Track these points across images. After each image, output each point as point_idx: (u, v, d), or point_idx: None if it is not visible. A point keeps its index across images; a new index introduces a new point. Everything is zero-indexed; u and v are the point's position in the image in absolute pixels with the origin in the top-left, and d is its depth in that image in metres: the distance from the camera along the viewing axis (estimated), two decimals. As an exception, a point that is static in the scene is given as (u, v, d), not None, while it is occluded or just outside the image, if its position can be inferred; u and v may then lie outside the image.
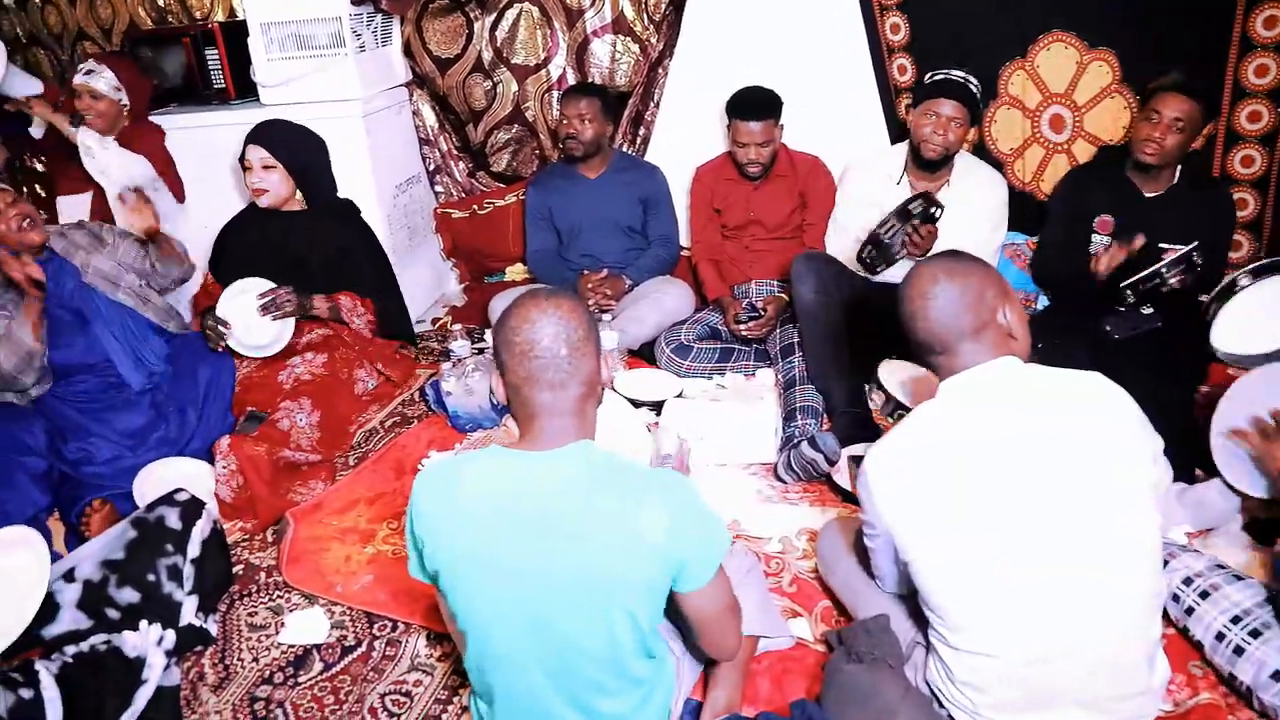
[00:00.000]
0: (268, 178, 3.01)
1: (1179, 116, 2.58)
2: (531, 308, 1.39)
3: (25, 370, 2.63)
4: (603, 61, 3.70)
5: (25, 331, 2.60)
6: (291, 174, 3.04)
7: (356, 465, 2.80)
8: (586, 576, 1.35)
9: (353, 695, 1.93)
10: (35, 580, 1.88)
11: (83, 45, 4.56)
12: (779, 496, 2.49)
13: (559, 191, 3.47)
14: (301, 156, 3.08)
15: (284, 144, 3.04)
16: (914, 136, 2.86)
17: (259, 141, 3.01)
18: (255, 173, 3.01)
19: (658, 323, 3.18)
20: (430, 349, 3.61)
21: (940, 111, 2.77)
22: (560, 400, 1.40)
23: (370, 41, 3.61)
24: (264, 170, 3.00)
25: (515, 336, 1.38)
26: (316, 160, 3.15)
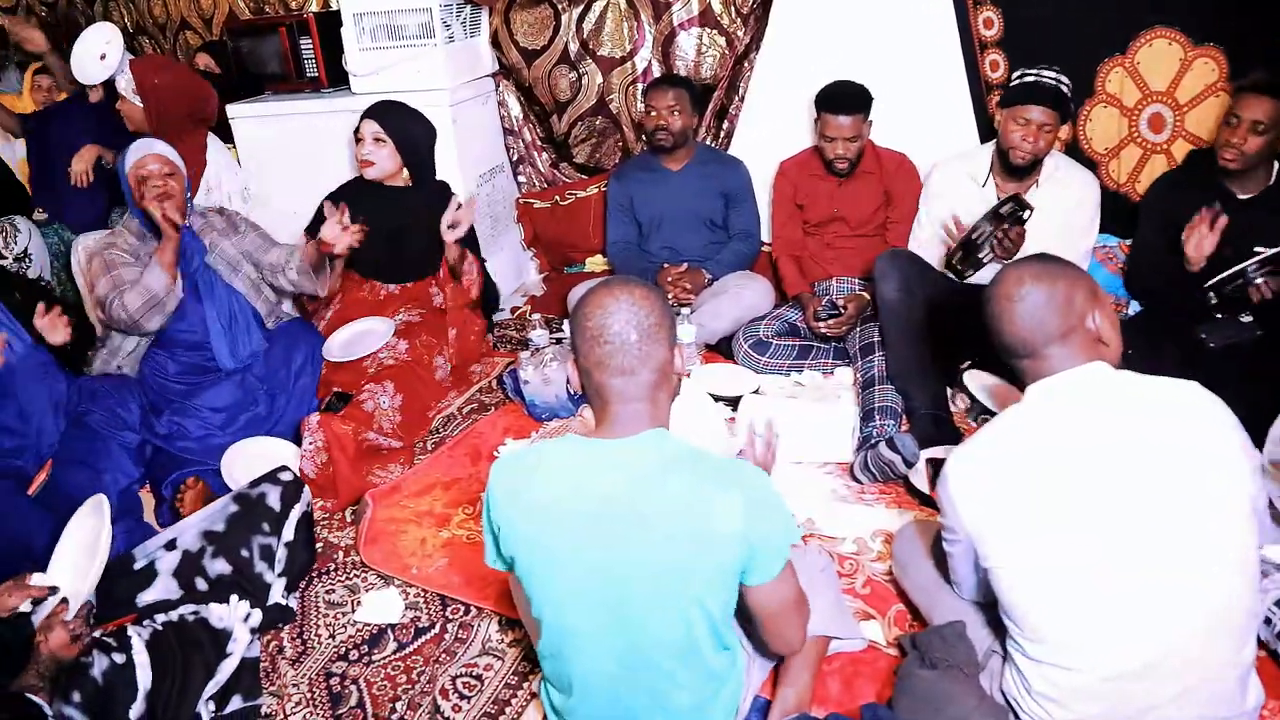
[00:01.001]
0: (377, 151, 3.15)
1: (1259, 119, 2.47)
2: (605, 294, 1.41)
3: (150, 315, 2.75)
4: (688, 54, 3.69)
5: (156, 274, 2.72)
6: (400, 152, 3.18)
7: (434, 450, 2.86)
8: (660, 565, 1.36)
9: (424, 676, 1.97)
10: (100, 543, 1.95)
11: (185, 35, 4.74)
12: (854, 497, 2.46)
13: (641, 183, 3.47)
14: (411, 137, 3.21)
15: (397, 123, 3.18)
16: (1002, 141, 2.78)
17: (374, 117, 3.16)
18: (366, 145, 3.15)
19: (736, 318, 3.16)
20: (509, 338, 3.66)
21: (1029, 117, 2.68)
22: (631, 386, 1.40)
23: (459, 32, 3.67)
24: (375, 144, 3.15)
25: (588, 322, 1.40)
26: (424, 142, 3.27)
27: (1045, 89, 2.67)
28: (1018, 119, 2.70)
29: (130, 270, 2.78)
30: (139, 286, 2.73)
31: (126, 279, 2.76)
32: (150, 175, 2.77)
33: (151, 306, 2.74)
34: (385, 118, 3.17)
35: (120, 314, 2.74)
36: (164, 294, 2.75)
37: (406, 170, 3.24)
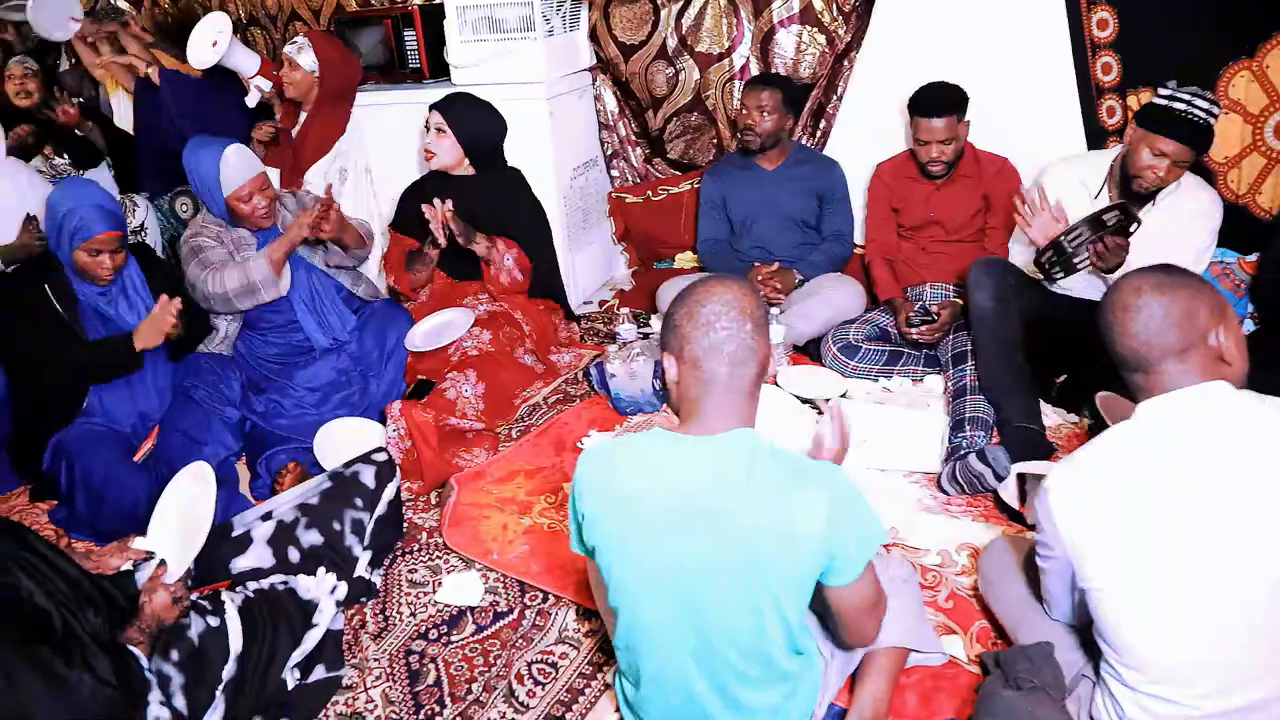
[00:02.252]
0: (439, 143, 3.22)
1: None
2: (716, 284, 1.44)
3: (243, 298, 2.84)
4: (787, 52, 3.65)
5: (262, 267, 2.81)
6: (461, 143, 3.23)
7: (519, 438, 2.89)
8: (738, 563, 1.36)
9: (501, 659, 2.00)
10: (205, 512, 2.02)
11: (294, 26, 4.88)
12: (940, 508, 2.41)
13: (734, 181, 3.46)
14: (473, 130, 3.26)
15: (461, 116, 3.24)
16: (1129, 161, 2.56)
17: (439, 108, 3.23)
18: (429, 135, 3.23)
19: (826, 320, 3.13)
20: (596, 331, 3.68)
21: (1163, 149, 2.45)
22: (736, 378, 1.41)
23: (559, 26, 3.70)
24: (437, 135, 3.22)
25: (701, 307, 1.41)
26: (489, 135, 3.31)
27: (1191, 124, 2.42)
28: (1152, 147, 2.47)
29: (217, 252, 2.87)
30: (241, 269, 2.81)
31: (214, 260, 2.85)
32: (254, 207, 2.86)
33: (248, 292, 2.83)
34: (449, 109, 3.23)
35: (213, 289, 2.82)
36: (262, 285, 2.83)
37: (468, 160, 3.28)
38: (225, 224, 2.92)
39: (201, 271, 2.83)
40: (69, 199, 2.63)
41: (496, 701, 1.89)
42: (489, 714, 1.86)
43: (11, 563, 1.58)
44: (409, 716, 1.87)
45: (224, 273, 2.81)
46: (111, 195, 2.79)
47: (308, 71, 3.55)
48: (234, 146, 2.84)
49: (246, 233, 2.93)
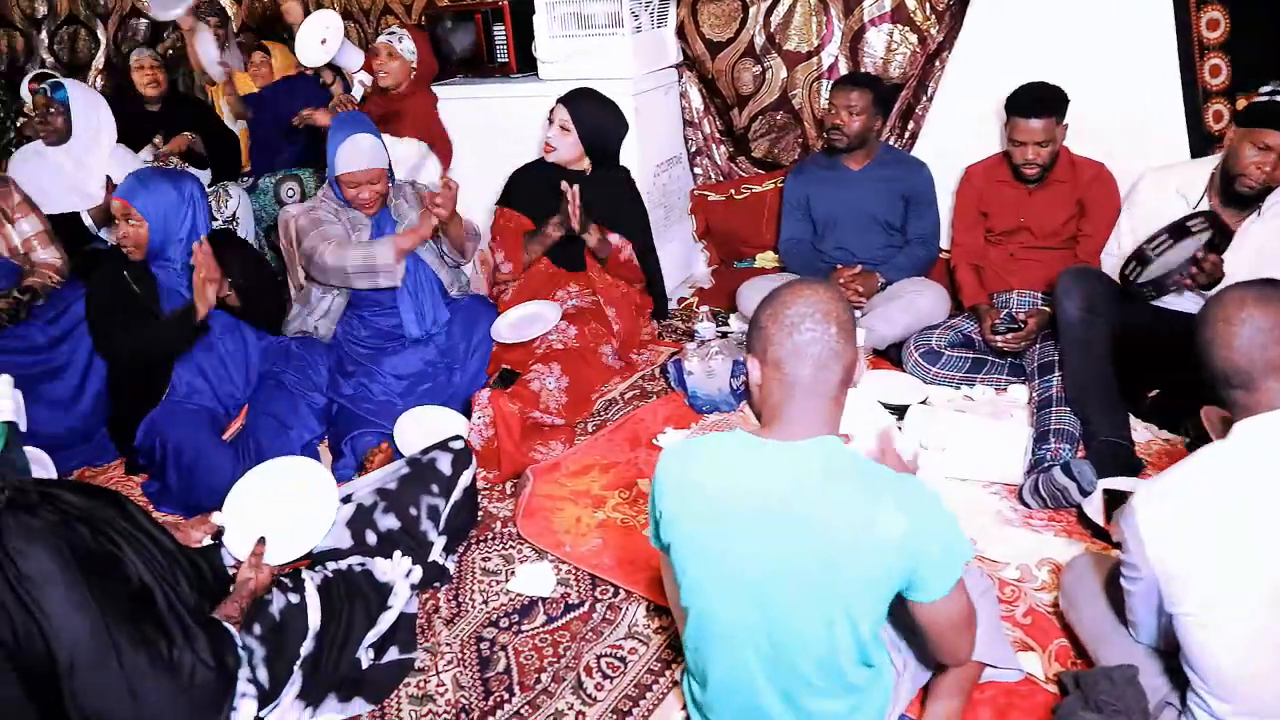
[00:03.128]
0: (562, 139, 3.23)
1: None
2: (803, 287, 1.43)
3: (360, 277, 2.91)
4: (877, 51, 3.60)
5: (387, 252, 2.88)
6: (583, 141, 3.24)
7: (594, 432, 2.91)
8: (814, 571, 1.34)
9: (570, 651, 2.02)
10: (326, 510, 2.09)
11: (386, 20, 5.00)
12: (1020, 521, 2.35)
13: (819, 181, 3.42)
14: (598, 129, 3.27)
15: (588, 115, 3.25)
16: (1230, 162, 2.49)
17: (567, 104, 3.23)
18: (553, 129, 3.23)
19: (908, 324, 3.08)
20: (674, 328, 3.68)
21: (1268, 142, 2.38)
22: (820, 381, 1.39)
23: (647, 22, 3.71)
24: (560, 131, 3.22)
25: (787, 309, 1.40)
26: (611, 135, 3.32)
27: None
28: (1256, 142, 2.40)
29: (336, 228, 2.95)
30: (367, 250, 2.88)
31: (333, 234, 2.92)
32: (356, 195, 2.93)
33: (368, 273, 2.89)
34: (577, 107, 3.23)
35: (332, 261, 2.87)
36: (383, 270, 2.89)
37: (587, 158, 3.30)
38: (342, 203, 3.00)
39: (322, 243, 2.89)
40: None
41: (564, 692, 1.91)
42: (557, 704, 1.88)
43: (115, 532, 1.64)
44: (478, 702, 1.90)
45: (348, 249, 2.87)
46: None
47: (407, 60, 3.62)
48: (364, 136, 2.89)
49: (360, 215, 3.00)
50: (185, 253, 2.77)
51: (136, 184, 2.73)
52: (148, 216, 2.70)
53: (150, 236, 2.72)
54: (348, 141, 2.87)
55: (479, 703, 1.90)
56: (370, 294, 3.01)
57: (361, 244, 2.90)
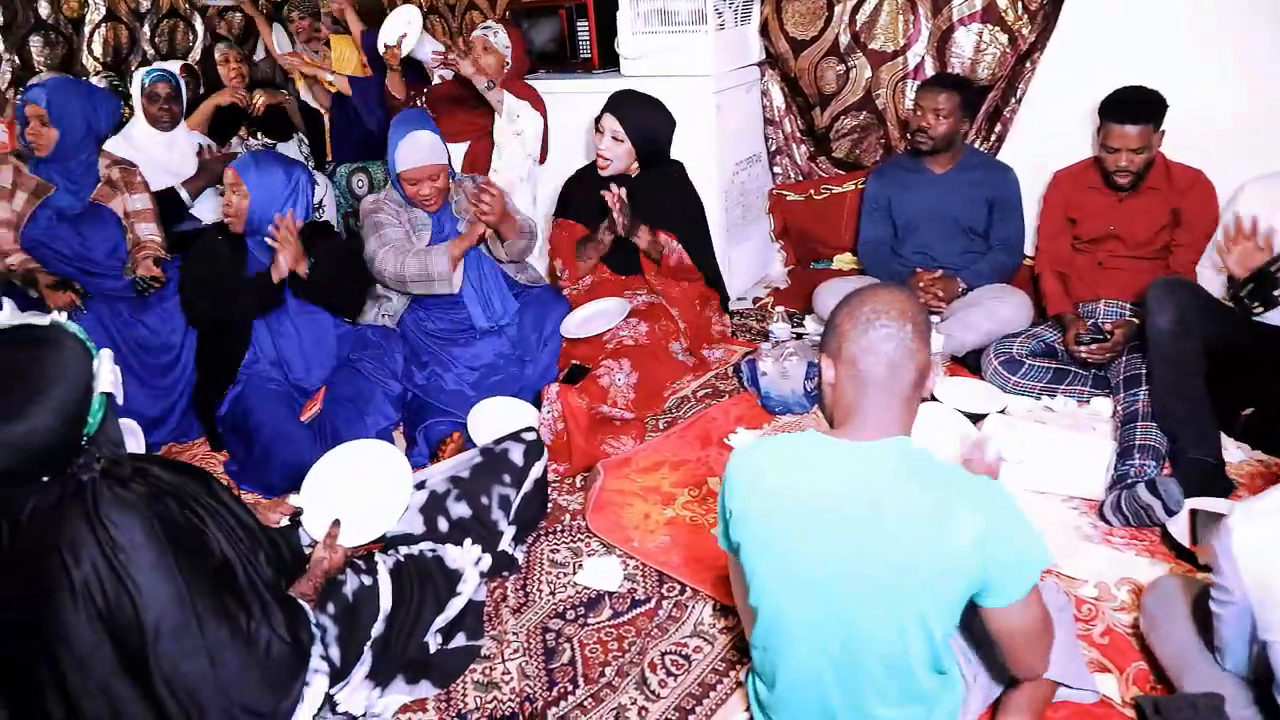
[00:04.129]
0: (615, 149, 3.19)
1: None
2: (880, 289, 1.44)
3: (416, 285, 2.98)
4: (965, 51, 3.53)
5: (441, 261, 2.93)
6: (635, 146, 3.21)
7: (665, 429, 2.92)
8: (886, 573, 1.33)
9: (635, 646, 2.02)
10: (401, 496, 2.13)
11: (470, 15, 5.07)
12: (1100, 538, 2.28)
13: (901, 183, 3.36)
14: (649, 133, 3.23)
15: (638, 121, 3.19)
16: None
17: (616, 114, 3.18)
18: (605, 140, 3.20)
19: (989, 331, 3.01)
20: (748, 327, 3.66)
21: None
22: (894, 380, 1.39)
23: (730, 20, 3.69)
24: (613, 142, 3.18)
25: (863, 307, 1.41)
26: (662, 137, 3.28)
27: None
28: None
29: (395, 230, 3.01)
30: (422, 259, 2.94)
31: (391, 239, 2.99)
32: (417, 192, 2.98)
33: (424, 280, 2.96)
34: (627, 116, 3.17)
35: (391, 270, 2.96)
36: (438, 278, 2.95)
37: (637, 161, 3.26)
38: (404, 202, 3.06)
39: (380, 248, 2.97)
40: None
41: (628, 687, 1.92)
42: (620, 698, 1.89)
43: (200, 507, 1.70)
44: (542, 692, 1.92)
45: (405, 257, 2.94)
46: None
47: (501, 54, 3.67)
48: (427, 134, 2.95)
49: (421, 214, 3.05)
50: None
51: (251, 160, 2.85)
52: (253, 191, 2.79)
53: (251, 210, 2.80)
54: (407, 139, 2.92)
55: (543, 693, 1.92)
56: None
57: (418, 253, 2.96)
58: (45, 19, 4.58)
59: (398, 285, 3.02)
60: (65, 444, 1.48)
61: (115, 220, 3.20)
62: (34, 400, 1.41)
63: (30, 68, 4.52)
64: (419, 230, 3.04)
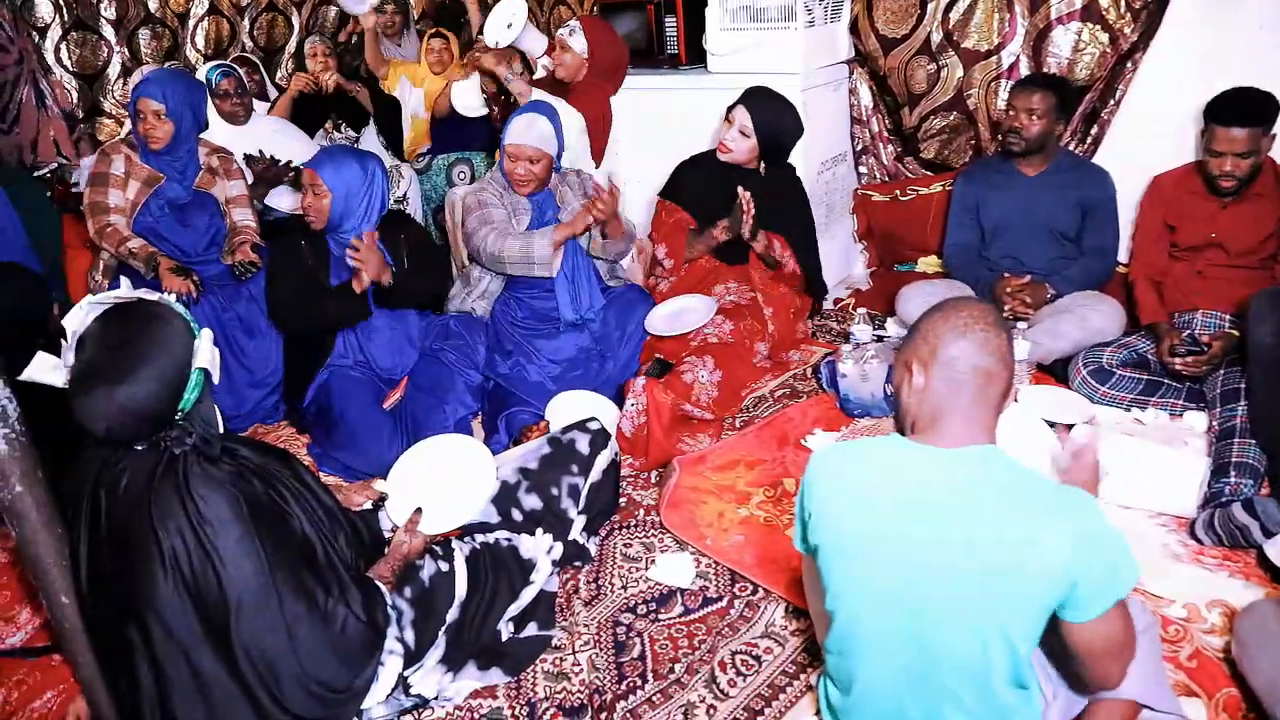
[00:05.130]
0: (740, 142, 3.20)
1: None
2: (970, 300, 1.44)
3: (515, 266, 3.02)
4: (1062, 51, 3.43)
5: (544, 247, 2.98)
6: (760, 144, 3.20)
7: (742, 428, 2.90)
8: (968, 585, 1.31)
9: (705, 645, 2.02)
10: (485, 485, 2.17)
11: (559, 10, 5.11)
12: (1190, 557, 2.20)
13: (991, 186, 3.28)
14: (776, 131, 3.22)
15: (768, 118, 3.20)
16: None
17: (750, 108, 3.18)
18: (732, 131, 3.20)
19: (1078, 340, 2.92)
20: (829, 328, 3.63)
21: None
22: (985, 390, 1.39)
23: (820, 17, 3.65)
24: (740, 135, 3.19)
25: (960, 313, 1.40)
26: (787, 139, 3.28)
27: None
28: None
29: (498, 210, 3.06)
30: (525, 241, 2.98)
31: (495, 218, 3.04)
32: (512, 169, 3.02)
33: (524, 262, 3.00)
34: (758, 109, 3.18)
35: (491, 247, 2.99)
36: (538, 262, 2.99)
37: (759, 159, 3.26)
38: (506, 186, 3.10)
39: (482, 227, 3.02)
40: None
41: (697, 685, 1.92)
42: (689, 696, 1.89)
43: (284, 487, 1.76)
44: (611, 685, 1.93)
45: (507, 238, 2.98)
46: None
47: (578, 54, 3.70)
48: (543, 119, 3.01)
49: (523, 199, 3.09)
50: (364, 229, 2.92)
51: (326, 158, 2.90)
52: (332, 189, 2.85)
53: (332, 208, 2.87)
54: (525, 116, 3.00)
55: (612, 686, 1.93)
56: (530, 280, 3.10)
57: (520, 235, 3.00)
58: (154, 13, 4.77)
59: (494, 265, 3.06)
60: (163, 412, 1.56)
61: (216, 207, 3.33)
62: (140, 366, 1.51)
63: (138, 59, 4.72)
64: (519, 214, 3.08)
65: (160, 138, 3.13)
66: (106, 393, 1.48)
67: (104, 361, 1.51)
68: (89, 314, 1.57)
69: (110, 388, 1.48)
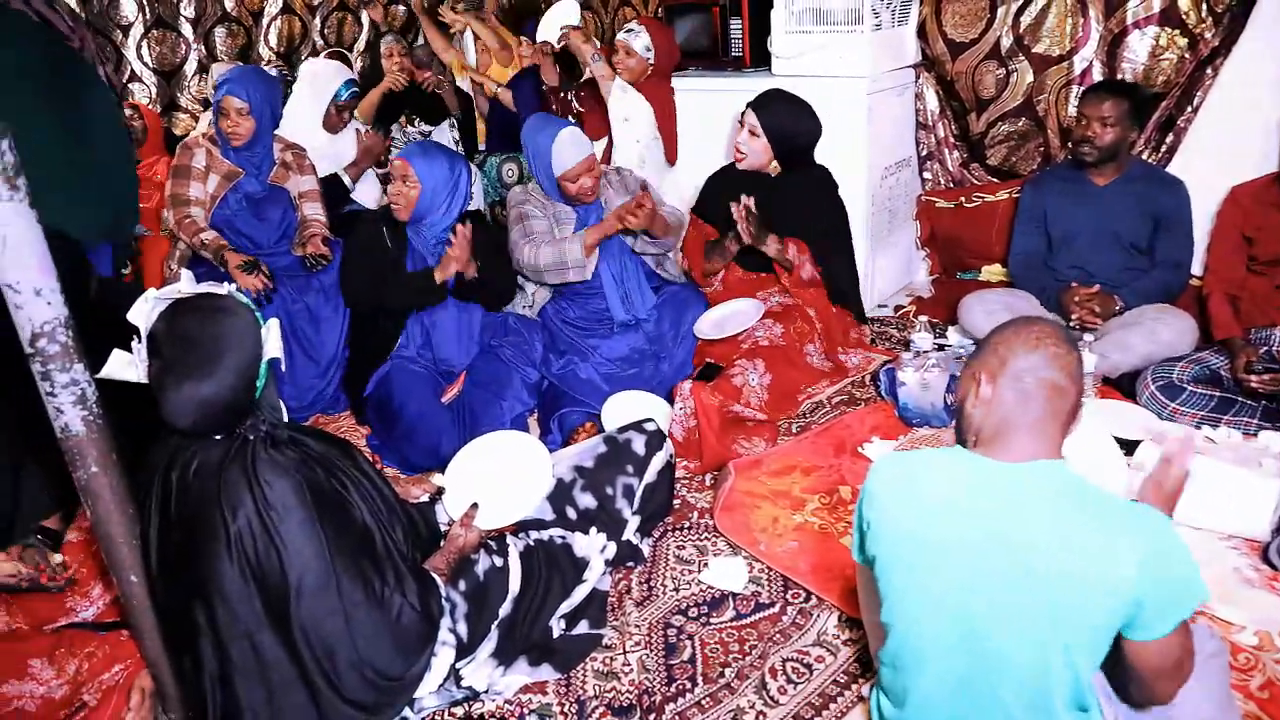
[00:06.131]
0: (751, 143, 3.17)
1: None
2: (1043, 319, 1.43)
3: (553, 275, 3.06)
4: (1138, 57, 3.35)
5: (576, 250, 3.00)
6: (773, 144, 3.17)
7: (798, 433, 2.88)
8: (1031, 603, 1.29)
9: (756, 650, 2.01)
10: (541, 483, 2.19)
11: (624, 11, 5.13)
12: (1263, 582, 2.13)
13: (1059, 194, 3.21)
14: (788, 131, 3.17)
15: (776, 117, 3.16)
16: None
17: (756, 109, 3.17)
18: (742, 134, 3.19)
19: (1147, 354, 2.84)
20: (889, 335, 3.58)
21: None
22: (1054, 405, 1.36)
23: (887, 20, 3.61)
24: (750, 136, 3.17)
25: (1032, 328, 1.38)
26: (802, 138, 3.22)
27: None
28: None
29: (540, 222, 3.09)
30: (557, 248, 3.01)
31: (535, 230, 3.07)
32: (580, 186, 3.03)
33: (558, 269, 3.03)
34: (766, 110, 3.14)
35: (527, 260, 3.04)
36: (572, 266, 3.01)
37: (775, 161, 3.21)
38: (549, 195, 3.12)
39: (522, 240, 3.06)
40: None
41: (747, 690, 1.90)
42: (738, 701, 1.88)
43: (345, 477, 1.79)
44: (660, 687, 1.93)
45: (540, 248, 3.02)
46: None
47: (642, 56, 3.70)
48: (569, 130, 3.02)
49: (566, 208, 3.12)
50: (442, 225, 2.98)
51: (419, 150, 2.98)
52: (422, 181, 2.91)
53: (419, 200, 2.93)
54: (556, 142, 2.99)
55: (661, 687, 1.93)
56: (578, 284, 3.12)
57: (554, 241, 3.02)
58: (230, 11, 4.89)
59: (534, 275, 3.11)
60: (239, 404, 1.61)
61: (289, 201, 3.41)
62: (218, 362, 1.55)
63: (213, 56, 4.84)
64: (563, 223, 3.10)
65: (242, 135, 3.23)
66: (190, 389, 1.53)
67: (182, 359, 1.55)
68: (154, 309, 1.60)
69: (193, 385, 1.53)
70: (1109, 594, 1.25)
